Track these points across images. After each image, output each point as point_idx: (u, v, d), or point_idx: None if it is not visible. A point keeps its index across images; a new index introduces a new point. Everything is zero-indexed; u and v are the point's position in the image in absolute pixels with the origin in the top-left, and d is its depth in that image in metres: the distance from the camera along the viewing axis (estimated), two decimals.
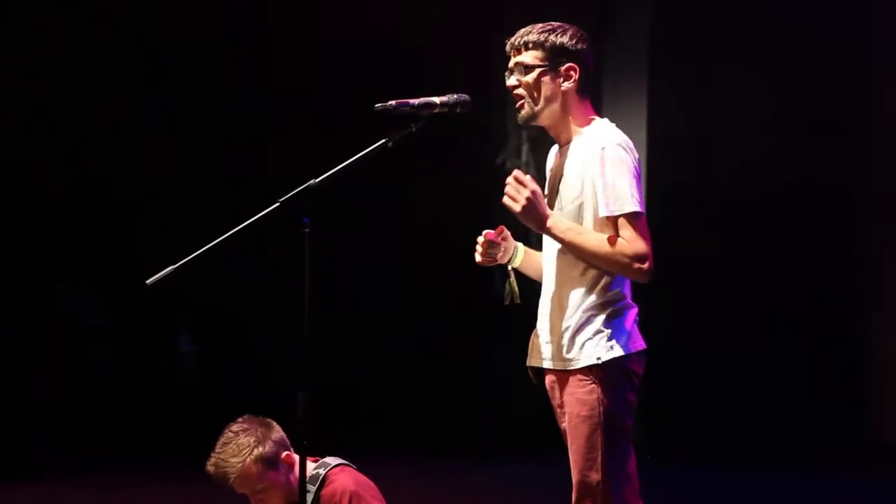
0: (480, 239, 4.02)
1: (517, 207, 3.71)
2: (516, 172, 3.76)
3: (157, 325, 9.79)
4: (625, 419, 3.77)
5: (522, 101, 3.87)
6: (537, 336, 3.93)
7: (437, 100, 3.81)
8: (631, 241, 3.70)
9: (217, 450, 4.31)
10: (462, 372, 9.19)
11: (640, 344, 3.82)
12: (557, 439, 3.98)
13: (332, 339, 7.25)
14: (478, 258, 4.05)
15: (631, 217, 3.72)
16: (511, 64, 3.90)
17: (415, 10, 8.73)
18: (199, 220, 7.16)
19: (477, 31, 8.62)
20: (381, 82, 8.16)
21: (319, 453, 4.42)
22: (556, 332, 3.83)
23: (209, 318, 9.66)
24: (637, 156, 3.82)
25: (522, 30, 3.90)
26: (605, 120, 3.90)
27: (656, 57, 8.83)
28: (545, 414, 4.08)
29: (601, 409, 3.74)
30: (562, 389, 3.83)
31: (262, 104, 9.20)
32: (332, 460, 4.43)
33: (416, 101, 3.78)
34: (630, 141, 3.84)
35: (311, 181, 3.62)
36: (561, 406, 3.86)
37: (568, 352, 3.78)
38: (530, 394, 4.19)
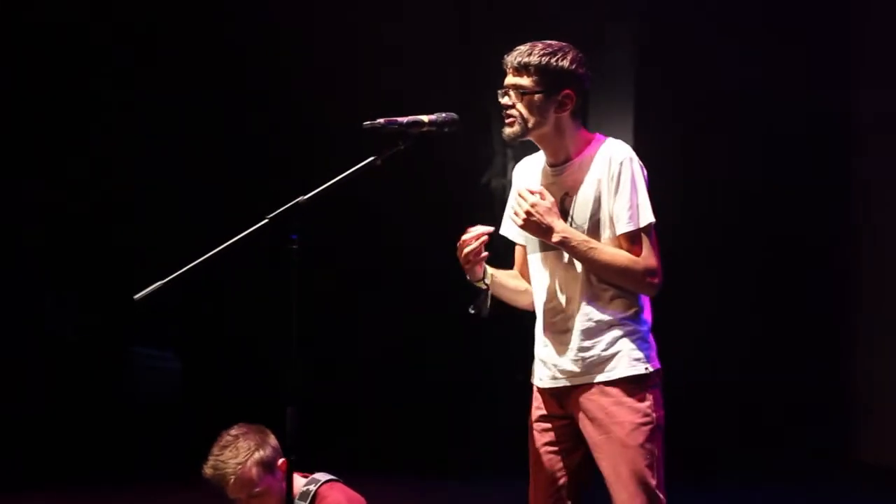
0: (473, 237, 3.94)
1: (519, 221, 3.78)
2: (520, 189, 3.80)
3: (140, 340, 9.77)
4: (663, 424, 3.86)
5: (513, 120, 3.86)
6: (557, 356, 3.90)
7: (425, 118, 3.81)
8: (645, 256, 3.77)
9: (215, 452, 4.30)
10: (452, 389, 9.17)
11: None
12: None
13: (320, 356, 7.28)
14: (471, 248, 3.92)
15: (647, 230, 3.78)
16: (507, 82, 3.87)
17: (399, 27, 8.76)
18: (188, 235, 7.17)
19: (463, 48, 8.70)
20: (362, 99, 8.19)
21: (308, 469, 4.42)
22: (595, 345, 3.83)
23: (195, 334, 9.62)
24: (646, 171, 3.86)
25: (522, 48, 3.86)
26: (608, 137, 3.91)
27: (643, 75, 8.89)
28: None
29: (654, 415, 3.82)
30: (601, 401, 3.82)
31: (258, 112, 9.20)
32: (322, 476, 4.42)
33: (404, 119, 3.78)
34: (636, 155, 3.86)
35: (300, 198, 3.63)
36: (592, 419, 3.83)
37: (616, 361, 3.81)
38: (518, 412, 4.19)
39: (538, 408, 4.00)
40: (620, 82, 8.82)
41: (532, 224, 3.75)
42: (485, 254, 3.93)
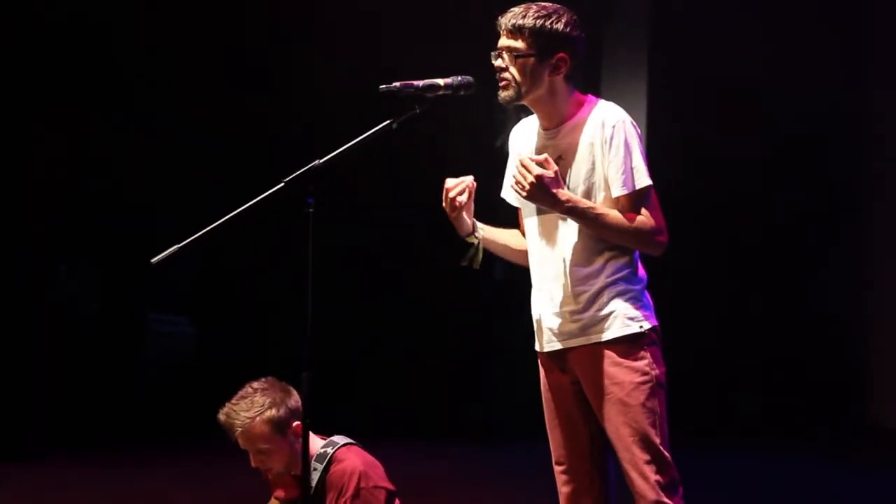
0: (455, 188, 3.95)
1: (523, 193, 3.69)
2: (522, 159, 3.71)
3: (153, 307, 9.79)
4: (664, 382, 3.84)
5: (507, 83, 3.82)
6: (554, 318, 3.89)
7: (440, 81, 3.79)
8: (648, 217, 3.73)
9: (233, 401, 4.33)
10: (464, 356, 9.20)
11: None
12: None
13: (334, 322, 7.30)
14: (459, 201, 3.93)
15: (645, 192, 3.74)
16: (500, 44, 3.82)
17: None
18: (204, 202, 7.18)
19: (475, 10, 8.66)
20: (381, 63, 8.17)
21: (325, 433, 4.43)
22: (589, 307, 3.81)
23: (209, 301, 9.65)
24: (640, 132, 3.83)
25: (516, 9, 3.81)
26: (600, 99, 3.88)
27: (657, 39, 8.87)
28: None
29: (654, 373, 3.79)
30: (600, 361, 3.81)
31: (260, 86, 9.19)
32: (339, 439, 4.43)
33: (420, 83, 3.76)
34: (630, 118, 3.82)
35: (316, 161, 3.62)
36: (592, 379, 3.82)
37: (610, 322, 3.79)
38: (530, 377, 4.20)
39: (544, 374, 4.01)
40: (632, 50, 8.79)
41: (537, 195, 3.68)
42: (462, 198, 3.91)
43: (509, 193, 4.02)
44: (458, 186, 3.91)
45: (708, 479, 7.22)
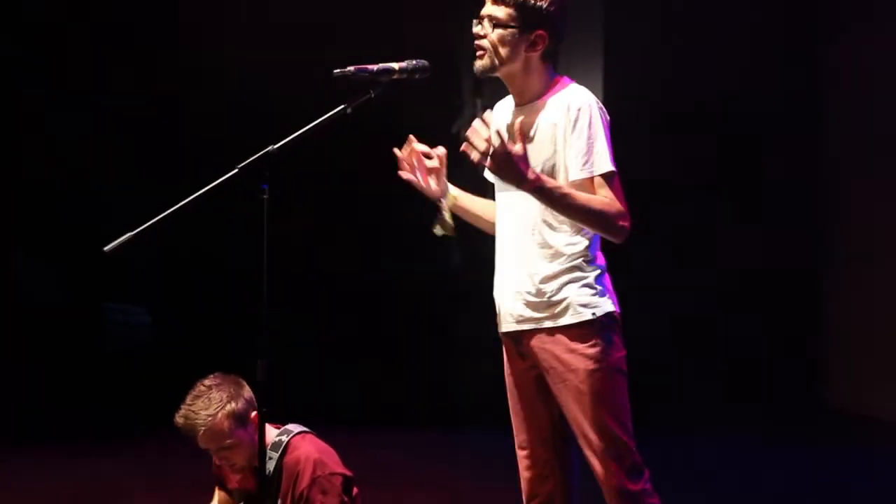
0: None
1: (492, 166, 3.62)
2: (498, 129, 3.60)
3: (110, 296, 9.73)
4: (624, 367, 3.84)
5: (483, 53, 3.83)
6: (510, 299, 3.90)
7: (395, 65, 3.80)
8: (612, 201, 3.71)
9: (188, 402, 4.28)
10: (423, 343, 9.19)
11: (619, 308, 3.88)
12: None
13: (295, 309, 7.28)
14: (404, 171, 4.07)
15: (608, 177, 3.73)
16: (483, 11, 3.83)
17: None
18: (158, 188, 7.11)
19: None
20: (335, 45, 8.14)
21: (280, 421, 4.42)
22: (541, 292, 3.81)
23: (168, 288, 9.58)
24: (608, 117, 3.82)
25: None
26: (573, 82, 3.88)
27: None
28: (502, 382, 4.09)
29: (608, 360, 3.79)
30: (554, 348, 3.82)
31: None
32: (294, 427, 4.42)
33: (374, 67, 3.77)
34: (599, 102, 3.82)
35: (270, 147, 3.61)
36: (547, 366, 3.83)
37: (561, 308, 3.79)
38: (492, 362, 4.20)
39: (507, 358, 4.02)
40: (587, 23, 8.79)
41: (504, 169, 3.63)
42: (432, 163, 4.05)
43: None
44: (406, 150, 4.04)
45: (669, 462, 7.26)
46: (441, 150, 4.10)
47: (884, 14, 8.78)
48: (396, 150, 4.10)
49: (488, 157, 3.61)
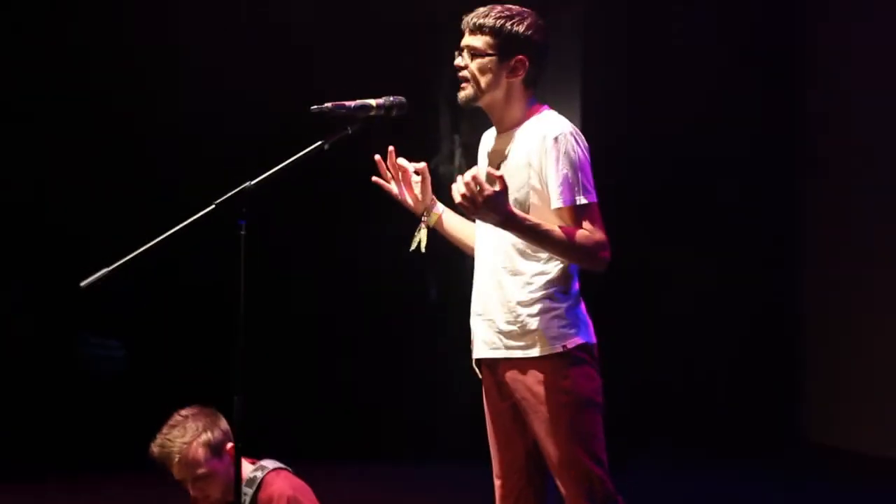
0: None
1: (472, 210, 3.62)
2: (475, 174, 3.60)
3: (83, 327, 9.68)
4: (598, 399, 3.82)
5: (466, 84, 3.85)
6: (483, 325, 3.90)
7: (373, 102, 3.81)
8: (592, 232, 3.71)
9: (164, 431, 4.30)
10: (398, 372, 9.17)
11: (594, 338, 3.87)
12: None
13: (265, 343, 7.25)
14: (381, 177, 4.09)
15: (587, 207, 3.72)
16: (463, 43, 3.85)
17: (349, 8, 8.72)
18: (135, 223, 7.10)
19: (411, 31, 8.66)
20: (314, 83, 8.14)
21: (256, 455, 4.40)
22: (512, 321, 3.81)
23: (140, 321, 9.54)
24: (587, 144, 3.81)
25: (480, 9, 3.85)
26: (552, 111, 3.89)
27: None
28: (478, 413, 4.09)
29: (578, 392, 3.77)
30: (525, 379, 3.80)
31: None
32: (269, 463, 4.41)
33: (352, 104, 3.77)
34: (578, 130, 3.82)
35: (247, 183, 3.61)
36: (519, 396, 3.83)
37: (532, 340, 3.78)
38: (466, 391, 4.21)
39: (484, 387, 4.01)
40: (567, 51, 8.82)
41: (485, 216, 3.63)
42: (416, 179, 4.07)
43: None
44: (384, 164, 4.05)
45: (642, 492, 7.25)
46: (422, 165, 4.09)
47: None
48: (377, 156, 4.09)
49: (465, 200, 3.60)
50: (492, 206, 3.58)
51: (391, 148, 4.11)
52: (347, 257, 9.11)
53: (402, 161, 4.11)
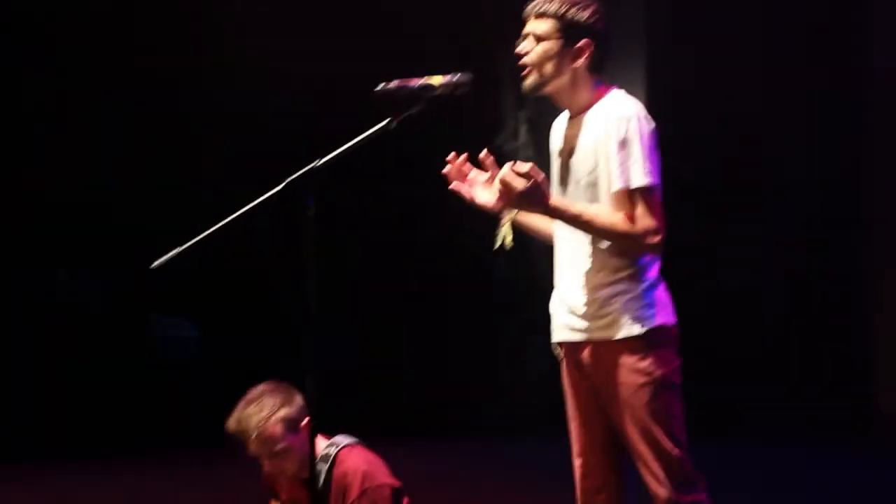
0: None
1: (505, 200, 3.69)
2: (504, 173, 3.66)
3: (157, 310, 9.80)
4: (677, 380, 3.84)
5: (530, 70, 3.86)
6: (563, 308, 3.93)
7: (437, 80, 3.78)
8: (641, 217, 3.71)
9: (240, 407, 4.31)
10: (474, 352, 9.19)
11: (674, 318, 3.88)
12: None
13: (333, 323, 7.29)
14: (452, 182, 4.09)
15: (645, 191, 3.72)
16: (526, 30, 3.87)
17: None
18: (204, 204, 7.17)
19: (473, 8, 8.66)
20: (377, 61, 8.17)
21: (329, 432, 4.43)
22: (591, 303, 3.83)
23: (212, 303, 9.64)
24: (654, 126, 3.81)
25: None
26: (621, 91, 3.89)
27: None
28: (555, 393, 4.11)
29: (658, 373, 3.79)
30: (604, 361, 3.83)
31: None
32: (342, 439, 4.43)
33: (416, 84, 3.74)
34: (646, 111, 3.82)
35: (315, 162, 3.63)
36: (598, 378, 3.86)
37: (610, 322, 3.80)
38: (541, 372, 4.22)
39: (564, 367, 4.03)
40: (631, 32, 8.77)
41: (522, 206, 3.71)
42: (483, 175, 4.04)
43: (553, 189, 3.94)
44: (454, 164, 4.06)
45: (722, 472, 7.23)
46: (484, 156, 4.06)
47: None
48: (446, 168, 4.11)
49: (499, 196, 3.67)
50: (528, 200, 3.65)
51: (450, 157, 4.10)
52: (414, 232, 9.13)
53: (460, 162, 4.10)
